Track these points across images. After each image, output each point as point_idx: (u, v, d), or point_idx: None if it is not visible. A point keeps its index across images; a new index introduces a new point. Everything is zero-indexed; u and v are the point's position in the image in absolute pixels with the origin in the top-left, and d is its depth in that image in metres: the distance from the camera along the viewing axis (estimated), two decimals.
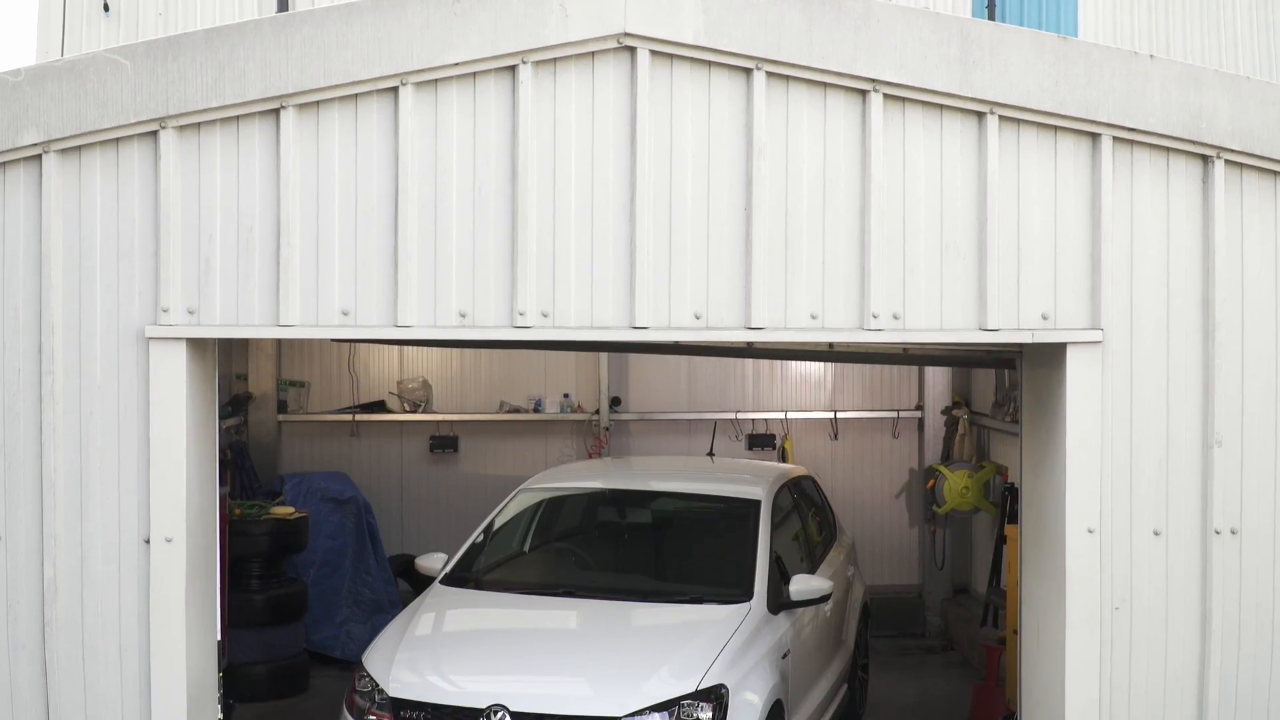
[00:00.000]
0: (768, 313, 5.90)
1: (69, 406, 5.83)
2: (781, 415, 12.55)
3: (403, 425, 12.57)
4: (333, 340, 6.55)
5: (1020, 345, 6.07)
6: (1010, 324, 5.93)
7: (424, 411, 12.49)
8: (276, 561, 10.59)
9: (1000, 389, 11.88)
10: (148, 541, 5.84)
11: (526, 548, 8.93)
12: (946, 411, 12.40)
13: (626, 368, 12.50)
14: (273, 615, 10.43)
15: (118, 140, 5.85)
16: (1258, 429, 6.01)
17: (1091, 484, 5.94)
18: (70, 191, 5.85)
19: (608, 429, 12.39)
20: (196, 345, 5.92)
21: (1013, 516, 10.23)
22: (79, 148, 5.84)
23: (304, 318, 5.85)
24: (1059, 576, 5.98)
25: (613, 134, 5.91)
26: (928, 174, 5.95)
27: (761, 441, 12.47)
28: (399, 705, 7.21)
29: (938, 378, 12.54)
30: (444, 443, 12.48)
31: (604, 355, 12.26)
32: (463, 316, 5.86)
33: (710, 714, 7.10)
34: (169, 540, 5.81)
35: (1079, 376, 5.91)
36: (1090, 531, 5.94)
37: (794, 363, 12.68)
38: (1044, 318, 5.94)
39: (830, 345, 6.50)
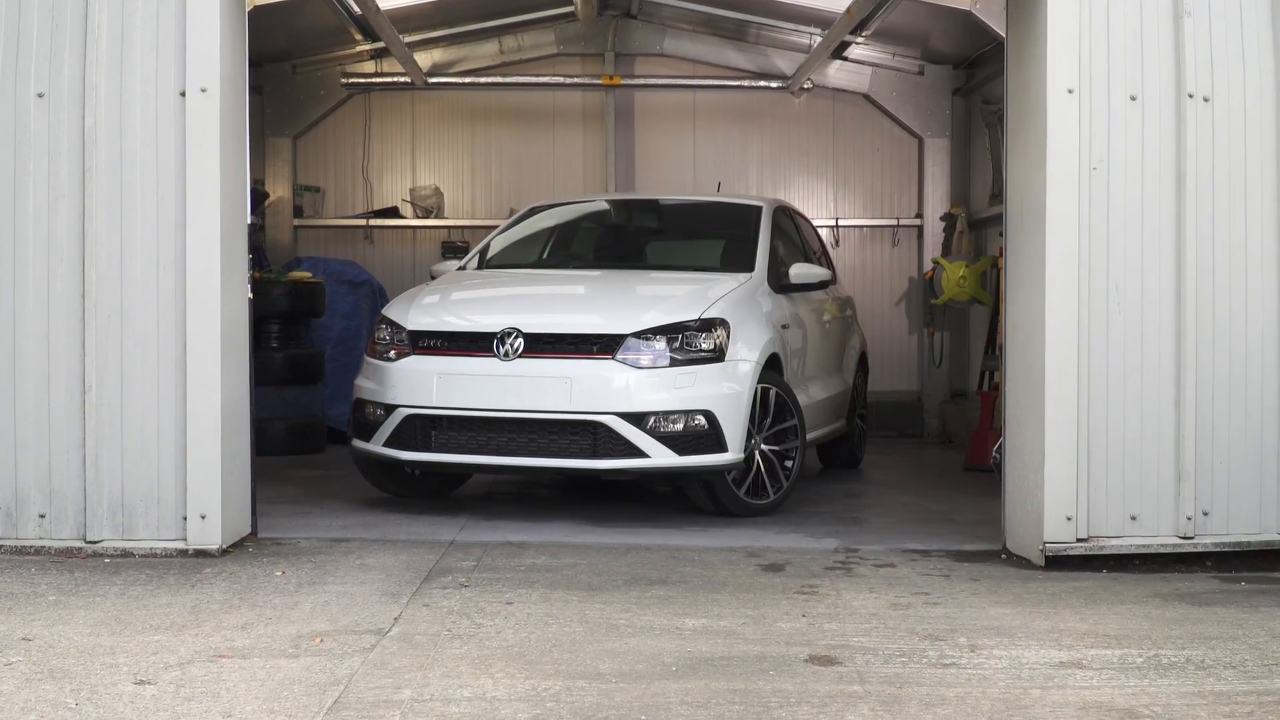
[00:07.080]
0: None
1: None
2: None
3: (415, 231, 12.94)
4: None
5: None
6: None
7: (435, 218, 12.86)
8: (295, 323, 10.95)
9: (997, 182, 12.24)
10: (183, 94, 6.19)
11: (541, 248, 9.32)
12: (946, 217, 12.74)
13: (633, 165, 12.86)
14: (292, 374, 10.78)
15: None
16: (1222, 2, 6.36)
17: (1071, 49, 6.26)
18: None
19: None
20: None
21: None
22: None
23: None
24: (1041, 135, 6.31)
25: None
26: None
27: None
28: (417, 337, 7.60)
29: (937, 187, 12.89)
30: (455, 249, 12.80)
31: (611, 149, 12.63)
32: None
33: (711, 344, 7.47)
34: (204, 90, 6.15)
35: None
36: (1070, 91, 6.26)
37: (799, 168, 13.01)
38: None
39: None
